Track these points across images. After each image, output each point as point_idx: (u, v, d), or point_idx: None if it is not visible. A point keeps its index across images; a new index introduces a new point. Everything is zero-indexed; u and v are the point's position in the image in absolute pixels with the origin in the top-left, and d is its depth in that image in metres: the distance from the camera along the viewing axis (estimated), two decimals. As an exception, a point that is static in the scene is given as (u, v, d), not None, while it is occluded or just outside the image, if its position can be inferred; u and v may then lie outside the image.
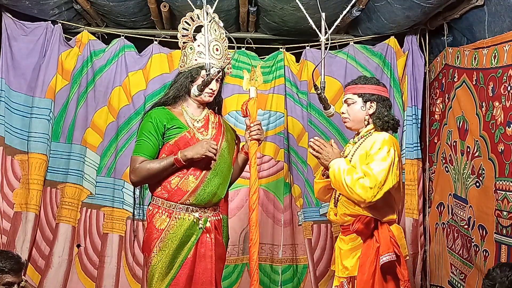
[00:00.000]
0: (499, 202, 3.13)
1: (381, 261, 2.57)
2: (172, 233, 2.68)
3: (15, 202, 4.04)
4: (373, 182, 2.52)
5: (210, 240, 2.74)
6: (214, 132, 2.82)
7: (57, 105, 4.13)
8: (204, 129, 2.80)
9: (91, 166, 4.16)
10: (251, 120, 2.76)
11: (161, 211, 2.72)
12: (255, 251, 2.65)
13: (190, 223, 2.70)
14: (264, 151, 4.27)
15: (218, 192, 2.77)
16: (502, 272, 2.44)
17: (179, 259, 2.69)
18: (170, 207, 2.71)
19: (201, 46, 2.76)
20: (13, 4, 3.88)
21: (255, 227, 2.67)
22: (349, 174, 2.56)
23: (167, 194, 2.72)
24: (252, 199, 2.69)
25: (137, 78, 4.22)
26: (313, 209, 4.24)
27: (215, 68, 2.74)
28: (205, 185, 2.72)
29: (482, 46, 3.36)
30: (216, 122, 2.88)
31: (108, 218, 4.14)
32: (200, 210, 2.74)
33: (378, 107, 2.74)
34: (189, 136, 2.74)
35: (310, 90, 4.25)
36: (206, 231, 2.74)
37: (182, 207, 2.71)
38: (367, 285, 2.58)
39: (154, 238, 2.70)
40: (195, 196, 2.70)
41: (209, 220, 2.76)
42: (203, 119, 2.83)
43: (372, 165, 2.56)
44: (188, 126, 2.76)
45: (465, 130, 3.60)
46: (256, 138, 2.76)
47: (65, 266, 4.06)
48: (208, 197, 2.73)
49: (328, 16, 2.93)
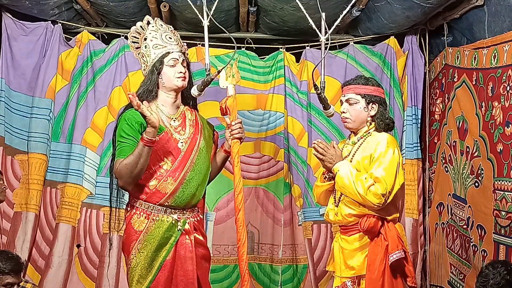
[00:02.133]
0: (498, 202, 3.13)
1: (391, 259, 2.60)
2: (150, 235, 2.64)
3: (15, 202, 4.04)
4: (384, 188, 2.56)
5: (189, 242, 2.69)
6: (192, 130, 2.77)
7: (57, 105, 4.13)
8: (182, 128, 2.75)
9: (91, 166, 4.15)
10: (231, 119, 2.71)
11: (139, 212, 2.68)
12: (244, 251, 2.63)
13: (168, 225, 2.66)
14: (264, 151, 4.27)
15: (197, 193, 2.74)
16: (494, 269, 2.45)
17: (158, 261, 2.65)
18: (148, 208, 2.66)
19: (153, 39, 2.75)
20: (13, 4, 3.88)
21: (242, 227, 2.64)
22: (359, 181, 2.58)
23: (145, 196, 2.66)
24: (237, 199, 2.65)
25: (137, 78, 4.18)
26: (313, 209, 4.24)
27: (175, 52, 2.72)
28: (184, 187, 2.67)
29: (482, 46, 3.36)
30: (193, 120, 2.83)
31: (108, 218, 4.14)
32: (178, 212, 2.70)
33: (380, 109, 2.76)
34: (166, 137, 2.68)
35: (310, 90, 4.25)
36: (185, 233, 2.69)
37: (160, 208, 2.66)
38: (377, 284, 2.59)
39: (132, 239, 2.66)
40: (174, 198, 2.66)
41: (188, 222, 2.71)
42: (180, 117, 2.78)
43: (381, 170, 2.58)
44: (165, 126, 2.69)
45: (465, 130, 3.60)
46: (238, 137, 2.72)
47: (65, 266, 4.06)
48: (187, 199, 2.69)
49: (328, 16, 2.93)
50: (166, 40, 2.76)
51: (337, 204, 2.77)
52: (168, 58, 2.71)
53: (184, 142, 2.71)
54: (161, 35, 2.77)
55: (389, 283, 2.61)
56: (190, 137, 2.73)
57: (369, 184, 2.57)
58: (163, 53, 2.73)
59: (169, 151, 2.68)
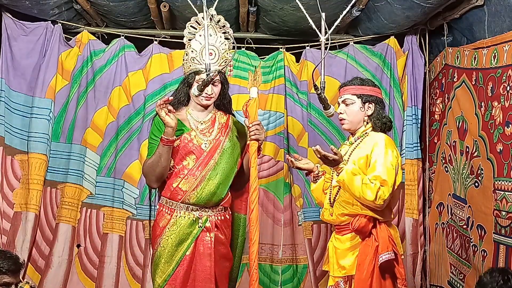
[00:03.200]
0: (498, 202, 3.13)
1: (380, 260, 2.58)
2: (171, 231, 2.80)
3: (15, 202, 4.04)
4: (388, 190, 2.56)
5: (209, 239, 2.82)
6: (218, 132, 2.89)
7: (57, 105, 4.13)
8: (208, 130, 2.88)
9: (91, 166, 4.16)
10: (250, 121, 2.76)
11: (164, 209, 2.85)
12: (254, 251, 2.65)
13: (189, 221, 2.81)
14: (264, 151, 4.26)
15: (217, 192, 2.83)
16: (492, 278, 2.43)
17: (178, 256, 2.79)
18: (172, 205, 2.82)
19: (194, 51, 2.84)
20: (13, 4, 3.88)
21: (255, 226, 2.67)
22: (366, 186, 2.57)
23: (170, 193, 2.82)
24: (251, 198, 2.68)
25: (137, 78, 4.23)
26: (313, 209, 4.23)
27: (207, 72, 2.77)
28: (204, 185, 2.79)
29: (482, 46, 3.36)
30: (223, 123, 2.94)
31: (108, 218, 4.14)
32: (200, 209, 2.83)
33: (376, 108, 2.76)
34: (189, 137, 2.83)
35: (310, 90, 4.25)
36: (206, 230, 2.83)
37: (182, 206, 2.81)
38: (365, 284, 2.59)
39: (157, 234, 2.84)
40: (195, 196, 2.79)
41: (210, 220, 2.84)
42: (208, 120, 2.91)
43: (384, 172, 2.57)
44: (190, 128, 2.85)
45: (464, 130, 3.60)
46: (254, 138, 2.75)
47: (65, 266, 4.06)
48: (207, 197, 2.81)
49: (328, 16, 2.93)
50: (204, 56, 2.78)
51: (332, 204, 2.77)
52: (198, 77, 2.82)
53: (209, 143, 2.85)
54: (201, 49, 2.81)
55: (377, 284, 2.60)
56: (216, 139, 2.86)
57: (378, 188, 2.55)
58: (197, 70, 2.83)
59: (191, 151, 2.82)
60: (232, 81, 4.11)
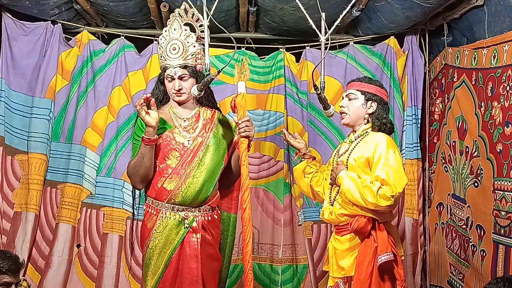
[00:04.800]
0: (497, 202, 3.13)
1: (379, 261, 2.57)
2: (158, 232, 2.73)
3: (15, 202, 4.05)
4: (391, 189, 2.54)
5: (196, 240, 2.73)
6: (202, 128, 2.81)
7: (57, 105, 4.14)
8: (191, 127, 2.80)
9: (91, 166, 4.16)
10: (238, 117, 2.67)
11: (151, 210, 2.77)
12: (248, 251, 2.60)
13: (175, 222, 2.73)
14: (264, 151, 4.27)
15: (203, 190, 2.74)
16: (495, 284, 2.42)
17: (165, 258, 2.72)
18: (158, 206, 2.75)
19: (161, 48, 2.83)
20: (13, 4, 3.88)
21: (248, 226, 2.61)
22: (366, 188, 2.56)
23: (155, 193, 2.75)
24: (243, 197, 2.61)
25: (137, 78, 4.23)
26: (313, 209, 4.24)
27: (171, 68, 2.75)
28: (189, 183, 2.71)
29: (482, 46, 3.36)
30: (208, 119, 2.86)
31: (108, 218, 4.14)
32: (187, 209, 2.75)
33: (378, 108, 2.76)
34: (171, 135, 2.76)
35: (310, 90, 4.25)
36: (192, 231, 2.74)
37: (168, 206, 2.74)
38: (364, 285, 2.58)
39: (145, 236, 2.77)
40: (180, 195, 2.71)
41: (196, 220, 2.75)
42: (192, 117, 2.83)
43: (387, 171, 2.56)
44: (173, 125, 2.78)
45: (464, 130, 3.60)
46: (244, 135, 2.66)
47: (65, 266, 4.06)
48: (192, 195, 2.72)
49: (328, 16, 2.93)
50: (169, 52, 2.78)
51: (332, 203, 2.77)
52: (166, 74, 2.79)
53: (192, 140, 2.76)
54: (167, 44, 2.79)
55: (376, 285, 2.59)
56: (199, 135, 2.78)
57: (377, 188, 2.54)
58: (163, 66, 2.81)
59: (173, 148, 2.74)
60: (232, 81, 4.12)
